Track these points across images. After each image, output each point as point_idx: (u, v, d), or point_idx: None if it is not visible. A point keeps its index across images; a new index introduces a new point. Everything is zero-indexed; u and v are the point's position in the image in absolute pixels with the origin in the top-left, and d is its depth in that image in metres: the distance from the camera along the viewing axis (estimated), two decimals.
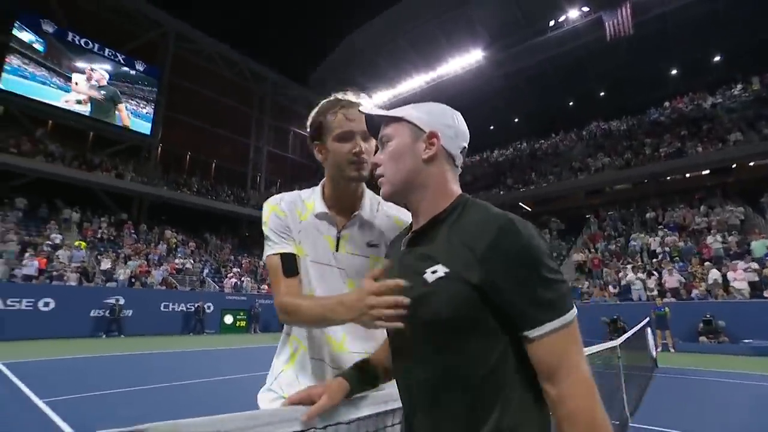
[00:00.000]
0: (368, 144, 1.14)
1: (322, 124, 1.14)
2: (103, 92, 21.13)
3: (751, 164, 18.14)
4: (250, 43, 27.71)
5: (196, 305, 15.54)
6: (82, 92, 20.34)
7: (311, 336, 1.15)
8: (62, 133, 21.12)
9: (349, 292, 0.89)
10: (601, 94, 26.87)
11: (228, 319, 16.71)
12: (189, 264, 18.75)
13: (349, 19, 24.31)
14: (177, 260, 18.57)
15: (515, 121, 30.29)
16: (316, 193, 1.21)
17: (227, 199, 25.13)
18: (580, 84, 25.39)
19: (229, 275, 19.35)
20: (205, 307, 15.71)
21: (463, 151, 0.86)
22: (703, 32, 20.36)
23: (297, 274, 1.11)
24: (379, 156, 0.88)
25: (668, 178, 20.28)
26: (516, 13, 21.55)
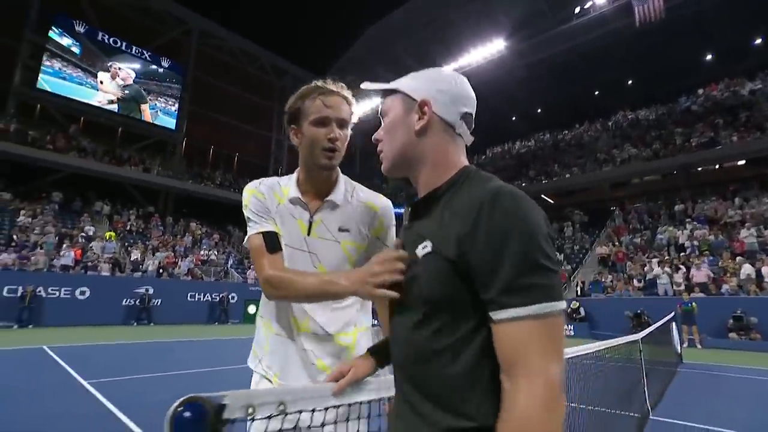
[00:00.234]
0: (344, 132, 1.15)
1: (299, 109, 1.16)
2: (126, 91, 21.86)
3: None
4: (271, 38, 28.04)
5: (221, 295, 16.07)
6: (108, 91, 21.13)
7: (279, 317, 1.18)
8: (93, 129, 22.02)
9: (356, 269, 0.91)
10: (629, 82, 25.86)
11: (251, 309, 17.18)
12: (213, 255, 19.35)
13: (369, 11, 24.20)
14: (202, 252, 19.19)
15: (538, 111, 29.57)
16: (292, 178, 1.22)
17: None
18: (606, 73, 24.44)
19: (251, 266, 19.86)
20: (229, 297, 16.22)
21: (466, 117, 0.78)
22: (741, 13, 19.14)
23: (280, 250, 1.12)
24: (379, 132, 0.84)
25: (699, 170, 19.46)
26: (540, 1, 20.96)
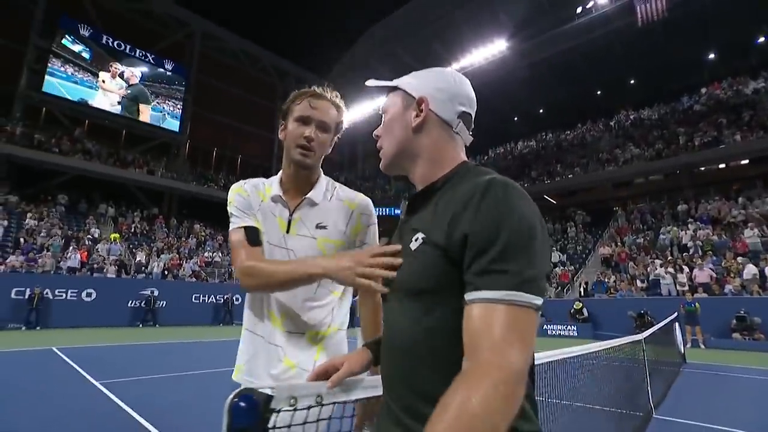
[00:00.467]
0: (323, 134, 1.20)
1: (289, 108, 1.23)
2: (128, 91, 21.98)
3: None
4: (272, 39, 28.10)
5: (225, 297, 16.15)
6: (110, 90, 21.23)
7: (255, 312, 1.21)
8: (98, 132, 22.19)
9: (339, 253, 0.98)
10: (631, 81, 25.80)
11: None
12: (218, 257, 19.45)
13: (371, 11, 24.25)
14: (206, 253, 19.30)
15: (540, 111, 29.55)
16: (275, 178, 1.26)
17: None
18: (608, 72, 24.42)
19: None
20: (234, 298, 16.30)
21: (464, 117, 0.79)
22: (744, 11, 19.08)
23: (260, 245, 1.15)
24: (379, 128, 0.86)
25: (702, 169, 19.42)
26: (541, 0, 20.97)
